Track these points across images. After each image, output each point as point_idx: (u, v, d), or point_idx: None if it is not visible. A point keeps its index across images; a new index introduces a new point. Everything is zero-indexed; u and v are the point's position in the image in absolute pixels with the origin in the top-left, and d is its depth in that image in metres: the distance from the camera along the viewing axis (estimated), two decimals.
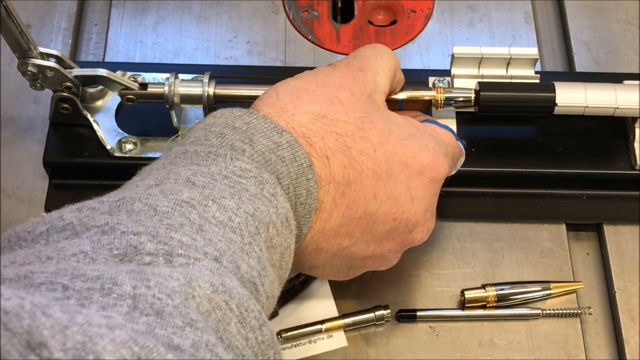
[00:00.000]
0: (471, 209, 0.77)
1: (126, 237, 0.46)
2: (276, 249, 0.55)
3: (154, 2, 0.89)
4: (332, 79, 0.63)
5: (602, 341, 0.72)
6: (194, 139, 0.58)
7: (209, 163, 0.55)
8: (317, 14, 0.88)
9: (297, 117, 0.60)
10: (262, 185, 0.55)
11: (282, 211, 0.56)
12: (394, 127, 0.63)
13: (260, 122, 0.59)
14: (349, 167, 0.60)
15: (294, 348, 0.70)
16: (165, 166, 0.56)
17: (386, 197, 0.61)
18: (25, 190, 0.77)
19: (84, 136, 0.75)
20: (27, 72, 0.70)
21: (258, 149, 0.57)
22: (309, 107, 0.61)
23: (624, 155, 0.76)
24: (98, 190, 0.74)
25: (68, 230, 0.47)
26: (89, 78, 0.72)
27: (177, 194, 0.51)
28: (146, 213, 0.49)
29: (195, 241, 0.49)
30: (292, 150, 0.58)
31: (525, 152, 0.77)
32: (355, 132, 0.61)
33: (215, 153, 0.56)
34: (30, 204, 0.76)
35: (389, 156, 0.62)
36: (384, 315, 0.71)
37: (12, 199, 0.76)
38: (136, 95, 0.72)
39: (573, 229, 0.78)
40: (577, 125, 0.77)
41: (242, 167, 0.55)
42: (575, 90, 0.73)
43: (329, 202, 0.60)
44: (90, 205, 0.50)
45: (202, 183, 0.53)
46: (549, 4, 0.91)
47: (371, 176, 0.61)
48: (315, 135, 0.60)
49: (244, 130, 0.58)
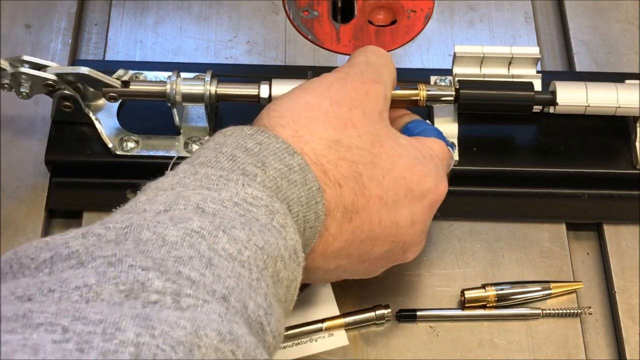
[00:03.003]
0: (472, 208, 0.77)
1: (134, 271, 0.45)
2: (282, 282, 0.54)
3: (154, 2, 0.89)
4: (345, 95, 0.62)
5: (602, 341, 0.72)
6: (203, 159, 0.57)
7: (219, 188, 0.54)
8: (317, 14, 0.88)
9: (311, 144, 0.59)
10: (272, 215, 0.54)
11: (291, 243, 0.55)
12: (401, 151, 0.62)
13: (272, 141, 0.58)
14: (359, 194, 0.60)
15: (295, 346, 0.70)
16: (173, 187, 0.54)
17: (389, 222, 0.62)
18: (25, 190, 0.77)
19: (85, 134, 0.75)
20: (4, 85, 0.71)
21: (270, 174, 0.56)
22: (323, 131, 0.60)
23: (625, 154, 0.76)
24: (99, 189, 0.76)
25: (73, 259, 0.46)
26: (69, 76, 0.72)
27: (186, 222, 0.50)
28: (154, 243, 0.48)
29: (203, 277, 0.47)
30: (302, 173, 0.57)
31: (526, 151, 0.77)
32: (367, 157, 0.60)
33: (227, 177, 0.55)
34: (30, 204, 0.76)
35: (396, 182, 0.61)
36: (384, 315, 0.71)
37: (12, 199, 0.76)
38: (118, 93, 0.72)
39: (573, 229, 0.77)
40: (578, 125, 0.77)
41: (253, 194, 0.54)
42: (577, 89, 0.73)
43: (335, 227, 0.60)
44: (96, 231, 0.49)
45: (212, 210, 0.52)
46: (549, 4, 0.91)
47: (378, 202, 0.61)
48: (329, 162, 0.59)
49: (255, 152, 0.57)
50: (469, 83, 0.73)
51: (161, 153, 0.74)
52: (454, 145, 0.69)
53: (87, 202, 0.76)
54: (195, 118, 0.76)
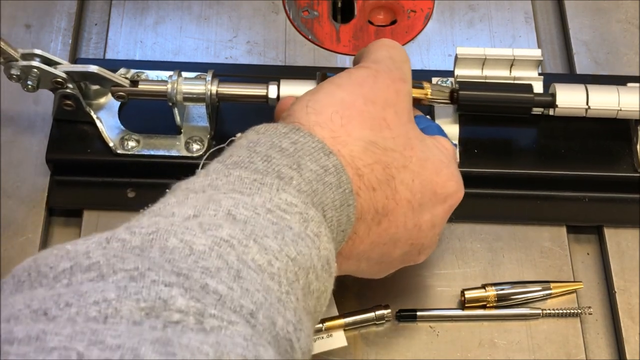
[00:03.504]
0: (473, 210, 0.76)
1: (156, 287, 0.42)
2: (313, 294, 0.52)
3: (154, 2, 0.89)
4: (378, 93, 0.61)
5: (602, 341, 0.72)
6: (236, 158, 0.55)
7: (252, 192, 0.52)
8: (317, 14, 0.88)
9: (348, 145, 0.57)
10: (306, 223, 0.52)
11: (324, 253, 0.53)
12: (429, 154, 0.62)
13: (308, 140, 0.56)
14: (390, 197, 0.59)
15: None
16: (205, 189, 0.52)
17: (412, 225, 0.61)
18: (26, 190, 0.77)
19: (86, 133, 0.75)
20: (13, 76, 0.71)
21: (306, 176, 0.54)
22: (360, 132, 0.58)
23: (626, 157, 0.76)
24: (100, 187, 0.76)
25: (93, 271, 0.43)
26: (78, 74, 0.72)
27: (216, 230, 0.48)
28: (181, 251, 0.46)
29: (231, 291, 0.45)
30: (337, 175, 0.56)
31: (527, 153, 0.77)
32: (399, 161, 0.60)
33: (261, 181, 0.53)
34: (31, 204, 0.76)
35: (424, 186, 0.61)
36: (384, 315, 0.71)
37: (12, 199, 0.76)
38: (127, 92, 0.72)
39: (573, 232, 0.77)
40: (579, 128, 0.77)
41: (287, 200, 0.52)
42: (577, 91, 0.73)
43: (363, 230, 0.59)
44: (121, 236, 0.46)
45: (243, 217, 0.50)
46: (549, 4, 0.91)
47: (406, 206, 0.60)
48: (365, 166, 0.58)
49: (291, 153, 0.55)
50: (468, 84, 0.73)
51: (162, 152, 0.74)
52: (456, 145, 0.69)
53: (87, 201, 0.76)
54: (197, 117, 0.76)
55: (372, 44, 0.66)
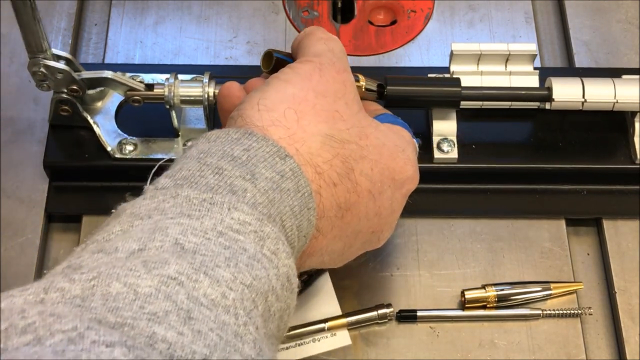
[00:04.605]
0: (472, 206, 0.77)
1: (96, 349, 0.38)
2: (274, 316, 0.50)
3: (154, 2, 0.89)
4: (327, 86, 0.60)
5: (602, 341, 0.72)
6: (186, 172, 0.52)
7: (202, 215, 0.49)
8: (317, 14, 0.88)
9: (306, 142, 0.56)
10: (262, 241, 0.50)
11: (284, 270, 0.50)
12: (385, 140, 0.61)
13: (262, 145, 0.54)
14: (352, 191, 0.58)
15: (298, 347, 0.70)
16: (151, 215, 0.49)
17: (373, 214, 0.61)
18: (25, 190, 0.77)
19: (84, 138, 0.75)
20: (38, 72, 0.70)
21: (261, 187, 0.52)
22: (316, 126, 0.57)
23: (624, 149, 0.77)
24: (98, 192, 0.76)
25: (29, 334, 0.39)
26: (94, 80, 0.72)
27: (162, 268, 0.44)
28: (125, 297, 0.42)
29: (182, 336, 0.41)
30: (295, 179, 0.54)
31: (525, 147, 0.77)
32: (357, 151, 0.59)
33: (211, 201, 0.50)
34: (30, 205, 0.76)
35: (382, 173, 0.60)
36: (386, 314, 0.71)
37: (12, 199, 0.76)
38: (142, 96, 0.72)
39: (572, 224, 0.78)
40: (576, 120, 0.77)
41: (240, 219, 0.49)
42: (573, 85, 0.74)
43: (326, 227, 0.58)
44: (60, 284, 0.43)
45: (192, 246, 0.46)
46: (549, 4, 0.91)
47: (367, 196, 0.59)
48: (324, 162, 0.56)
49: (244, 161, 0.53)
50: (396, 80, 0.72)
51: (160, 156, 0.74)
52: (419, 141, 0.68)
53: (86, 206, 0.76)
54: (194, 120, 0.76)
55: (306, 36, 0.65)
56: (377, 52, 0.85)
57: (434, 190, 0.76)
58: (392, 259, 0.74)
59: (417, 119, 0.77)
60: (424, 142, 0.75)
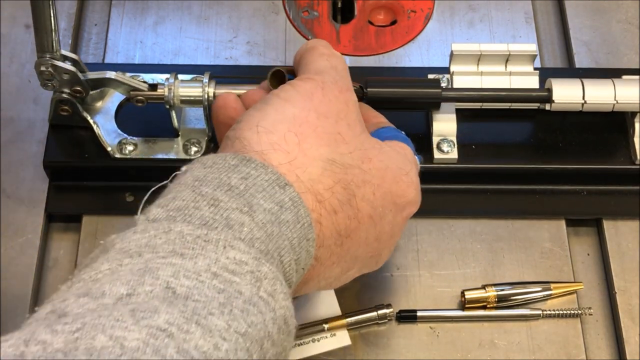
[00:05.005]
0: (472, 206, 0.77)
1: None
2: None
3: (154, 2, 0.89)
4: (329, 106, 0.57)
5: (602, 342, 0.72)
6: (180, 202, 0.49)
7: (195, 254, 0.46)
8: (317, 14, 0.88)
9: (307, 168, 0.53)
10: (259, 282, 0.47)
11: (281, 313, 0.48)
12: (388, 162, 0.59)
13: (261, 173, 0.51)
14: (352, 217, 0.56)
15: (297, 347, 0.70)
16: (141, 252, 0.46)
17: (373, 239, 0.59)
18: (25, 190, 0.77)
19: (83, 138, 0.75)
20: (45, 72, 0.70)
21: (259, 220, 0.49)
22: (317, 150, 0.54)
23: (624, 150, 0.77)
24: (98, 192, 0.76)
25: None
26: (97, 81, 0.72)
27: (151, 318, 0.41)
28: (111, 352, 0.39)
29: None
30: (295, 209, 0.51)
31: (525, 148, 0.77)
32: (359, 176, 0.56)
33: (205, 238, 0.47)
34: (30, 205, 0.76)
35: (384, 197, 0.58)
36: (386, 314, 0.71)
37: (12, 199, 0.76)
38: (145, 96, 0.72)
39: (572, 225, 0.78)
40: (576, 121, 0.77)
41: (236, 258, 0.47)
42: (573, 86, 0.74)
43: (325, 255, 0.55)
44: (41, 336, 0.39)
45: (185, 290, 0.44)
46: (549, 4, 0.91)
47: (368, 222, 0.57)
48: (326, 189, 0.54)
49: (241, 191, 0.50)
50: (376, 81, 0.72)
51: (160, 156, 0.74)
52: (421, 158, 0.67)
53: (86, 206, 0.76)
54: (194, 120, 0.76)
55: (307, 51, 0.62)
56: (377, 52, 0.85)
57: (434, 191, 0.76)
58: (392, 259, 0.74)
59: (417, 119, 0.77)
60: (424, 142, 0.75)
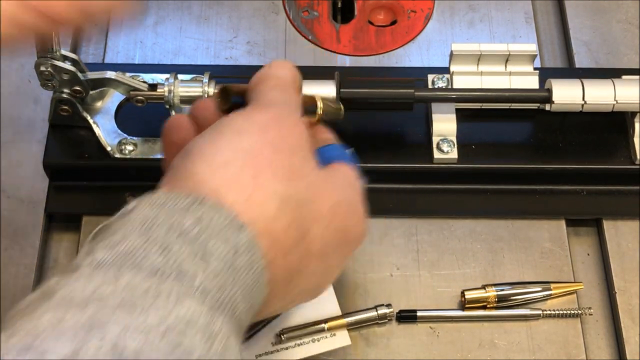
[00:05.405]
0: (472, 206, 0.77)
1: None
2: None
3: (154, 2, 0.88)
4: (285, 139, 0.55)
5: (602, 342, 0.72)
6: (128, 247, 0.46)
7: (146, 307, 0.43)
8: (317, 14, 0.88)
9: (263, 206, 0.51)
10: (211, 340, 0.44)
11: None
12: (339, 197, 0.57)
13: (214, 215, 0.49)
14: (303, 256, 0.54)
15: (297, 347, 0.70)
16: (88, 303, 0.42)
17: (321, 274, 0.57)
18: (25, 190, 0.77)
19: (83, 138, 0.75)
20: (45, 72, 0.70)
21: (213, 268, 0.47)
22: (273, 186, 0.52)
23: (623, 150, 0.77)
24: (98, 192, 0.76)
25: None
26: (97, 81, 0.72)
27: None
28: None
29: None
30: (249, 253, 0.49)
31: (524, 148, 0.77)
32: (313, 213, 0.54)
33: (157, 289, 0.44)
34: (30, 205, 0.76)
35: (335, 234, 0.56)
36: (386, 314, 0.71)
37: (12, 199, 0.76)
38: (145, 96, 0.72)
39: (572, 225, 0.78)
40: (576, 121, 0.77)
41: (187, 316, 0.44)
42: (573, 86, 0.74)
43: (274, 293, 0.53)
44: None
45: (132, 350, 0.41)
46: (549, 4, 0.91)
47: (318, 259, 0.55)
48: (280, 230, 0.51)
49: (195, 236, 0.47)
50: (350, 82, 0.72)
51: (160, 156, 0.74)
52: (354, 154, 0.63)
53: (86, 206, 0.76)
54: None
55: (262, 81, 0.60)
56: (377, 52, 0.85)
57: (434, 191, 0.76)
58: (392, 259, 0.74)
59: (417, 119, 0.77)
60: (425, 142, 0.75)
